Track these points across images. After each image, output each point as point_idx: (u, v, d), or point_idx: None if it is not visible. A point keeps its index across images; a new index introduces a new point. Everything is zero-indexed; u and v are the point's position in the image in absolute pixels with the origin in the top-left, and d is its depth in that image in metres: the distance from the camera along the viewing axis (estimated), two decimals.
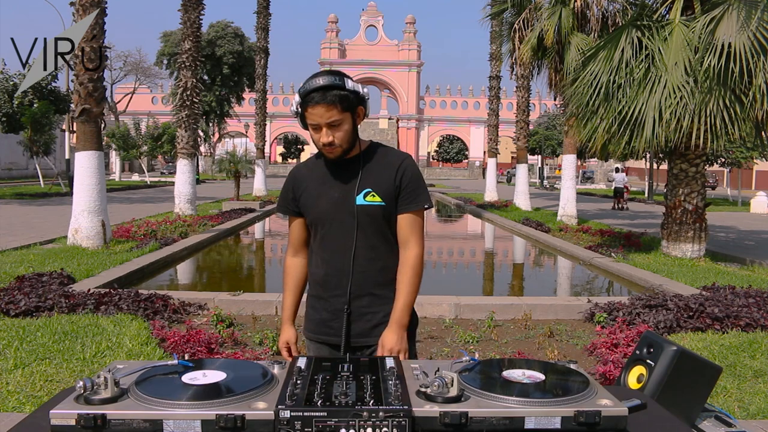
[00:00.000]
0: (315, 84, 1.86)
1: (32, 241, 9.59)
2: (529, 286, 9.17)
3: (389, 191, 1.97)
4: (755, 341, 4.73)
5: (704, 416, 1.92)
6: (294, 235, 2.14)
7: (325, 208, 1.99)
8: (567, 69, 11.16)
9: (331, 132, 1.89)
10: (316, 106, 1.86)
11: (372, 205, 1.95)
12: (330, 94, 1.85)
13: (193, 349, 4.38)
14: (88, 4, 8.78)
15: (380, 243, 1.99)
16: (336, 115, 1.87)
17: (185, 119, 14.58)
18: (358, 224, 1.95)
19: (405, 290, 1.98)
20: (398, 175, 1.98)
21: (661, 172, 33.15)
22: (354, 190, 1.96)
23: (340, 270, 1.98)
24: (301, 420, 1.15)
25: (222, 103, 37.76)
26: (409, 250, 2.00)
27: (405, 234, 2.01)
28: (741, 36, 7.68)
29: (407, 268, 1.99)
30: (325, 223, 2.00)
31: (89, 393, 1.21)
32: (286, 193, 2.11)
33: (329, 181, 2.00)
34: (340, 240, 1.98)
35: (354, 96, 1.90)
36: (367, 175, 1.98)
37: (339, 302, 2.00)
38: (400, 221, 2.01)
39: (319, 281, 2.04)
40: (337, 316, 2.00)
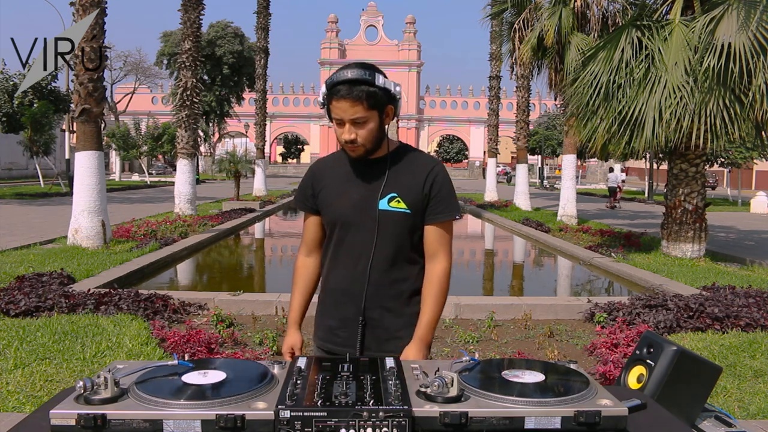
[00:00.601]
0: (343, 76, 1.73)
1: (32, 241, 9.59)
2: (529, 286, 9.17)
3: (416, 199, 1.84)
4: (755, 341, 4.73)
5: (704, 416, 1.92)
6: (309, 233, 2.01)
7: (344, 209, 1.86)
8: (567, 69, 11.16)
9: (354, 129, 1.77)
10: (341, 100, 1.74)
11: (396, 212, 1.83)
12: (357, 89, 1.73)
13: (193, 349, 4.38)
14: (88, 4, 8.78)
15: (399, 253, 1.86)
16: (361, 112, 1.74)
17: (185, 119, 14.58)
18: (379, 230, 1.82)
19: (431, 306, 1.86)
20: (428, 183, 1.85)
21: (661, 172, 33.15)
22: (378, 193, 1.83)
23: (353, 277, 1.87)
24: (301, 420, 1.15)
25: (222, 103, 37.78)
26: (437, 264, 1.88)
27: (433, 246, 1.88)
28: (741, 36, 7.69)
29: (434, 282, 1.87)
30: (342, 225, 1.87)
31: (89, 393, 1.21)
32: (305, 188, 1.97)
33: (351, 181, 1.87)
34: (357, 245, 1.86)
35: (383, 94, 1.77)
36: (394, 178, 1.84)
37: (348, 311, 1.89)
38: (428, 232, 1.88)
39: (330, 286, 1.94)
40: (346, 325, 1.90)
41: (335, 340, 1.92)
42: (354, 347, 1.88)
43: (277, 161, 66.01)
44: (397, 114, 1.86)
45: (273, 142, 60.77)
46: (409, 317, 1.89)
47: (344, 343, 1.89)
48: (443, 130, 63.26)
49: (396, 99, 1.82)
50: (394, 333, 1.88)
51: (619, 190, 22.87)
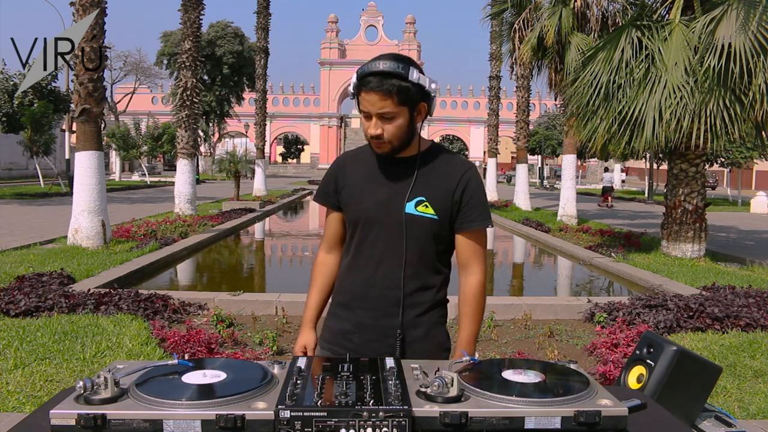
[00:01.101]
0: (374, 67, 1.62)
1: (32, 241, 9.59)
2: (529, 286, 9.17)
3: (445, 205, 1.72)
4: (755, 341, 4.73)
5: (704, 416, 1.92)
6: (330, 230, 1.89)
7: (367, 208, 1.75)
8: (567, 69, 11.17)
9: (381, 124, 1.66)
10: (370, 93, 1.62)
11: (423, 217, 1.71)
12: (388, 82, 1.61)
13: (193, 349, 4.38)
14: (88, 4, 8.78)
15: (423, 260, 1.75)
16: (390, 107, 1.63)
17: (185, 119, 14.58)
18: (403, 234, 1.71)
19: (470, 322, 1.78)
20: (459, 188, 1.73)
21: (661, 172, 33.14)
22: (404, 194, 1.71)
23: (372, 281, 1.76)
24: (301, 420, 1.15)
25: (222, 103, 37.76)
26: (471, 276, 1.78)
27: (466, 256, 1.77)
28: (741, 36, 7.69)
29: (471, 297, 1.78)
30: (365, 225, 1.76)
31: (89, 393, 1.21)
32: (328, 183, 1.84)
33: (378, 179, 1.75)
34: (379, 247, 1.74)
35: (416, 90, 1.65)
36: (423, 181, 1.72)
37: (365, 316, 1.77)
38: (460, 242, 1.76)
39: (347, 288, 1.82)
40: (360, 330, 1.78)
41: (347, 345, 1.78)
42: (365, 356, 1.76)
43: (277, 161, 65.99)
44: (431, 113, 1.75)
45: (273, 142, 60.75)
46: (427, 328, 1.79)
47: (356, 350, 1.74)
48: (443, 130, 63.25)
49: (431, 96, 1.70)
50: (411, 344, 1.77)
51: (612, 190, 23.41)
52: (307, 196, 25.23)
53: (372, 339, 1.77)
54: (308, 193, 26.09)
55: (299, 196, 24.53)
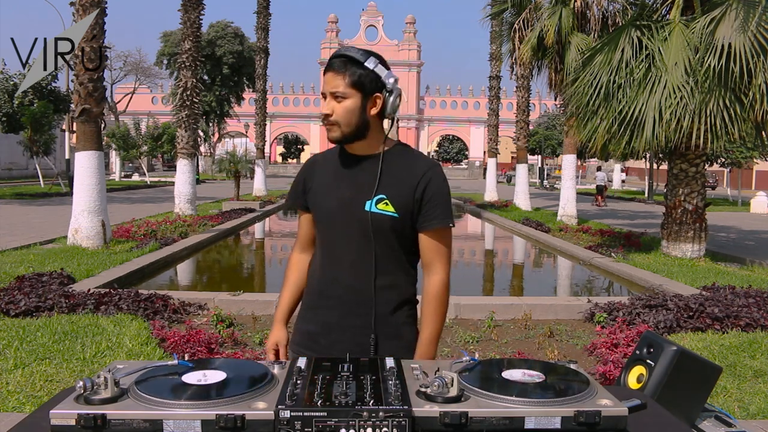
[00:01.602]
0: (338, 52, 1.71)
1: (32, 241, 9.59)
2: (529, 286, 9.17)
3: (406, 203, 1.71)
4: (755, 341, 4.73)
5: (704, 416, 1.92)
6: (303, 230, 1.91)
7: (331, 207, 1.76)
8: (567, 69, 11.16)
9: (331, 104, 1.68)
10: (326, 73, 1.70)
11: (382, 215, 1.70)
12: (342, 62, 1.68)
13: (193, 349, 4.38)
14: (88, 4, 8.78)
15: (388, 258, 1.74)
16: (340, 86, 1.66)
17: (185, 119, 14.58)
18: (366, 233, 1.71)
19: (430, 322, 1.76)
20: (420, 186, 1.72)
21: (661, 172, 33.15)
22: (367, 193, 1.71)
23: (335, 280, 1.76)
24: (301, 420, 1.15)
25: (222, 103, 37.78)
26: (433, 275, 1.76)
27: (429, 256, 1.76)
28: (741, 36, 7.69)
29: (431, 297, 1.76)
30: (329, 224, 1.77)
31: (89, 393, 1.21)
32: (298, 184, 1.88)
33: (343, 178, 1.77)
34: (342, 246, 1.75)
35: (372, 78, 1.68)
36: (386, 179, 1.72)
37: (330, 316, 1.77)
38: (423, 240, 1.75)
39: (314, 288, 1.83)
40: (327, 331, 1.77)
41: (314, 347, 1.77)
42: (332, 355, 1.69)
43: (277, 161, 65.99)
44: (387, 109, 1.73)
45: (273, 142, 60.76)
46: (394, 328, 1.77)
47: (323, 351, 1.73)
48: (443, 130, 63.27)
49: (387, 91, 1.71)
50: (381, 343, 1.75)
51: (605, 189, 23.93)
52: None
53: (337, 339, 1.76)
54: None
55: None
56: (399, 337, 1.78)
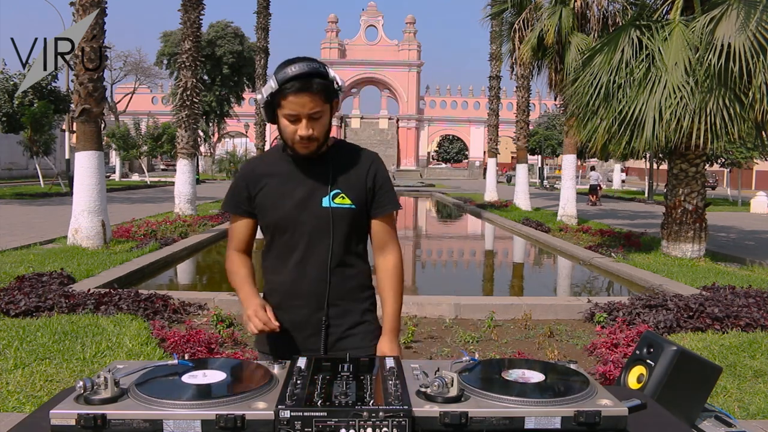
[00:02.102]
0: (298, 70, 1.65)
1: (32, 241, 9.59)
2: (529, 286, 9.17)
3: (360, 193, 1.81)
4: (755, 341, 4.73)
5: (704, 416, 1.92)
6: (239, 236, 1.89)
7: (288, 210, 1.79)
8: (567, 69, 11.16)
9: (310, 125, 1.70)
10: (299, 94, 1.66)
11: (341, 208, 1.79)
12: (315, 82, 1.67)
13: (193, 349, 4.38)
14: (88, 4, 8.78)
15: (347, 249, 1.83)
16: (319, 106, 1.69)
17: (185, 119, 14.58)
18: (325, 228, 1.78)
19: (393, 297, 1.86)
20: (369, 176, 1.83)
21: (661, 172, 33.15)
22: (321, 190, 1.79)
23: (300, 277, 1.81)
24: (301, 420, 1.15)
25: (222, 103, 37.75)
26: (389, 255, 1.88)
27: (382, 238, 1.87)
28: (741, 36, 7.69)
29: (391, 274, 1.87)
30: (287, 225, 1.80)
31: (89, 393, 1.21)
32: (239, 190, 1.86)
33: (293, 180, 1.81)
34: (303, 245, 1.80)
35: (331, 86, 1.72)
36: (336, 174, 1.80)
37: (298, 313, 1.82)
38: (376, 226, 1.86)
39: (276, 289, 1.86)
40: (297, 328, 1.82)
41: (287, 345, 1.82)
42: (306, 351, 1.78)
43: None
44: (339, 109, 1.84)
45: (273, 142, 60.74)
46: (360, 314, 1.87)
47: (297, 348, 1.80)
48: (443, 130, 63.25)
49: (339, 92, 1.76)
50: (347, 331, 1.84)
51: (599, 188, 24.52)
52: None
53: (310, 334, 1.82)
54: None
55: None
56: (365, 322, 1.88)
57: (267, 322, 1.68)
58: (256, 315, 1.70)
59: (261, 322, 1.69)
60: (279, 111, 1.73)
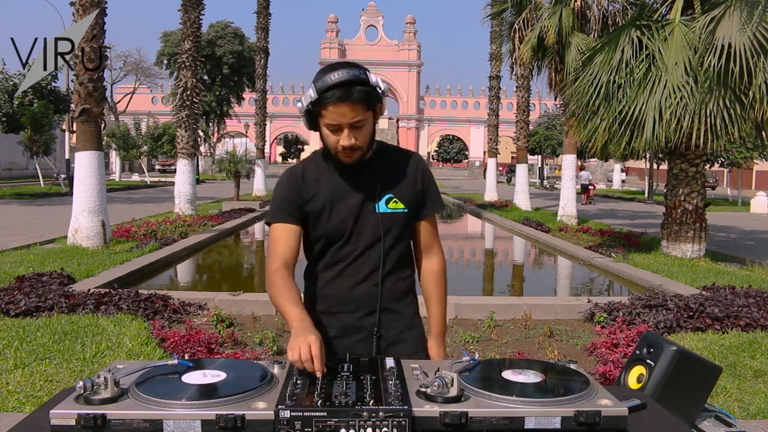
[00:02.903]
0: (338, 78, 1.59)
1: (32, 241, 9.59)
2: (529, 286, 9.17)
3: (411, 196, 1.79)
4: (755, 341, 4.73)
5: (704, 416, 1.92)
6: (287, 248, 1.75)
7: (341, 219, 1.75)
8: (567, 69, 11.16)
9: (353, 134, 1.65)
10: (339, 105, 1.60)
11: (395, 213, 1.76)
12: (355, 90, 1.60)
13: (193, 349, 4.38)
14: (88, 4, 8.78)
15: (400, 254, 1.81)
16: (361, 114, 1.63)
17: (185, 119, 14.58)
18: (376, 235, 1.75)
19: (439, 300, 1.88)
20: (418, 178, 1.81)
21: (661, 172, 33.15)
22: (374, 196, 1.75)
23: (355, 285, 1.78)
24: (301, 420, 1.15)
25: (222, 103, 37.77)
26: (435, 257, 1.88)
27: (429, 240, 1.86)
28: (741, 36, 7.68)
29: (438, 276, 1.87)
30: (342, 234, 1.76)
31: (89, 393, 1.21)
32: (291, 197, 1.76)
33: (344, 188, 1.76)
34: (357, 252, 1.77)
35: (375, 92, 1.66)
36: (385, 179, 1.77)
37: (348, 319, 1.79)
38: (423, 227, 1.84)
39: (327, 295, 1.81)
40: (346, 333, 1.79)
41: (335, 351, 1.79)
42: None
43: (277, 161, 65.92)
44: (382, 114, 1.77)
45: (273, 142, 60.74)
46: (409, 318, 1.87)
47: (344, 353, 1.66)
48: (443, 130, 63.27)
49: (383, 97, 1.71)
50: (397, 336, 1.83)
51: (593, 187, 25.54)
52: None
53: (358, 339, 1.80)
54: None
55: None
56: (414, 327, 1.88)
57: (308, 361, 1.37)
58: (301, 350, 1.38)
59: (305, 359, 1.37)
60: (320, 120, 1.67)
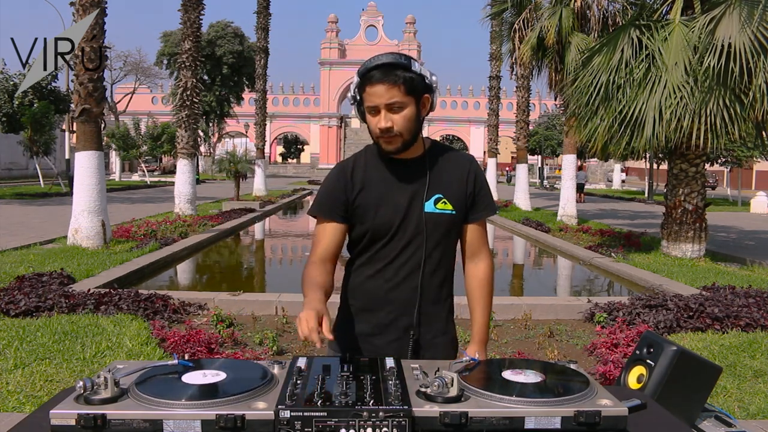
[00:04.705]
0: (377, 61, 1.64)
1: (32, 241, 9.59)
2: (529, 286, 9.17)
3: (461, 198, 1.77)
4: (755, 341, 4.73)
5: (704, 416, 1.92)
6: (328, 242, 1.75)
7: (388, 216, 1.72)
8: (567, 69, 11.16)
9: (390, 116, 1.64)
10: (375, 85, 1.62)
11: (443, 214, 1.75)
12: (393, 72, 1.62)
13: (193, 349, 4.38)
14: (88, 4, 8.78)
15: (444, 256, 1.79)
16: (397, 96, 1.62)
17: (185, 119, 14.58)
18: (426, 234, 1.73)
19: (484, 307, 1.87)
20: (470, 181, 1.79)
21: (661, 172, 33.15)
22: (422, 195, 1.73)
23: (394, 284, 1.76)
24: (301, 420, 1.15)
25: (222, 103, 37.74)
26: (482, 262, 1.87)
27: (477, 245, 1.85)
28: (741, 35, 7.68)
29: (485, 282, 1.86)
30: (387, 232, 1.74)
31: (89, 393, 1.21)
32: (336, 193, 1.75)
33: (393, 185, 1.74)
34: (400, 250, 1.75)
35: (420, 80, 1.65)
36: (436, 178, 1.75)
37: (385, 317, 1.77)
38: (472, 231, 1.83)
39: (368, 291, 1.79)
40: (382, 332, 1.77)
41: (367, 348, 1.77)
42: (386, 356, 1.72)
43: (277, 161, 65.98)
44: (434, 106, 1.74)
45: (273, 142, 60.72)
46: (445, 323, 1.86)
47: (377, 352, 1.71)
48: (443, 130, 63.23)
49: (433, 89, 1.70)
50: (431, 340, 1.81)
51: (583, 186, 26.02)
52: (308, 197, 25.23)
53: (393, 339, 1.78)
54: (308, 194, 26.09)
55: (299, 196, 24.55)
56: (448, 332, 1.88)
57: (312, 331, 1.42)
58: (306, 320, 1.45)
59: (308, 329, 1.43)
60: (364, 107, 1.69)
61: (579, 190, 24.65)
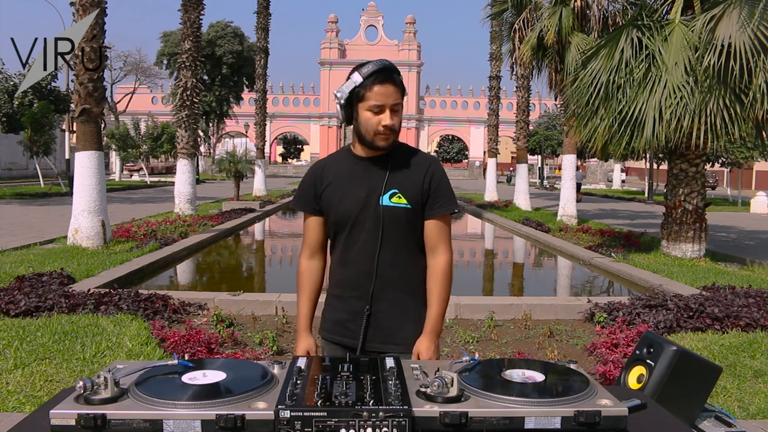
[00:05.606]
0: (381, 64, 1.82)
1: (32, 241, 9.59)
2: (529, 286, 9.17)
3: (416, 194, 1.90)
4: (755, 341, 4.73)
5: (704, 416, 1.92)
6: (311, 235, 2.01)
7: (349, 207, 1.90)
8: (567, 69, 11.16)
9: (392, 115, 1.84)
10: (384, 84, 1.80)
11: (397, 207, 1.88)
12: (397, 76, 1.84)
13: (193, 349, 4.38)
14: (88, 4, 8.78)
15: (402, 247, 1.92)
16: (399, 98, 1.85)
17: (185, 119, 14.58)
18: (383, 226, 1.88)
19: (438, 298, 1.93)
20: (426, 178, 1.91)
21: (661, 172, 33.15)
22: (380, 189, 1.88)
23: (360, 271, 1.92)
24: (301, 420, 1.15)
25: (222, 103, 37.75)
26: (439, 256, 1.94)
27: (434, 240, 1.94)
28: (741, 35, 7.68)
29: (439, 275, 1.94)
30: (349, 222, 1.91)
31: (89, 393, 1.21)
32: (307, 188, 1.98)
33: (355, 179, 1.92)
34: (363, 241, 1.90)
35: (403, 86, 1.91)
36: (394, 175, 1.90)
37: (357, 304, 1.93)
38: (428, 226, 1.94)
39: (340, 280, 1.98)
40: (355, 318, 1.94)
41: (344, 333, 1.96)
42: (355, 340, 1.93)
43: (277, 161, 66.01)
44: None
45: (273, 142, 60.75)
46: (415, 311, 1.95)
47: (353, 336, 1.93)
48: (443, 130, 63.25)
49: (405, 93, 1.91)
50: (401, 327, 1.93)
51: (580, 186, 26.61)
52: None
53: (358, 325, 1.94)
54: None
55: None
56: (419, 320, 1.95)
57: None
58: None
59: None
60: (361, 105, 1.84)
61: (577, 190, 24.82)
